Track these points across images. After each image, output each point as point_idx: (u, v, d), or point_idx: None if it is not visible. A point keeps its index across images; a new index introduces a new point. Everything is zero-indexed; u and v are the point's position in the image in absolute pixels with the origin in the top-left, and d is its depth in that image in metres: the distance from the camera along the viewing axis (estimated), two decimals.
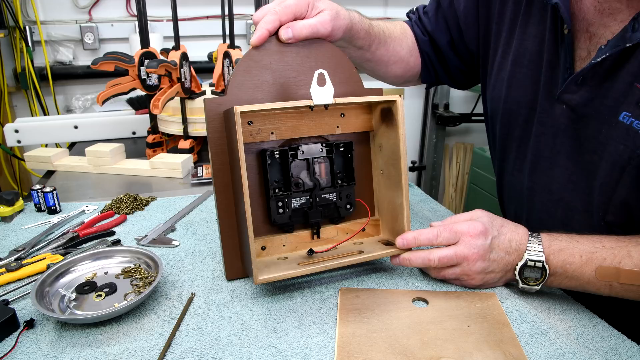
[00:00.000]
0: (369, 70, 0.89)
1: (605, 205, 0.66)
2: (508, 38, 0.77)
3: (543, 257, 0.61)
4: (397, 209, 0.68)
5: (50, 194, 0.88)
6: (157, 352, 0.52)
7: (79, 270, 0.67)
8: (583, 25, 0.66)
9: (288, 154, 0.66)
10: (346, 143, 0.69)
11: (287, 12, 0.63)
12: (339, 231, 0.72)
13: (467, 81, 0.95)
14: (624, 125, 0.61)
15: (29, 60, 1.97)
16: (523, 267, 0.62)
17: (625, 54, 0.60)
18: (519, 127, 0.77)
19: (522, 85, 0.75)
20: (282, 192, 0.67)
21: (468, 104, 2.74)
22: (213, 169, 0.63)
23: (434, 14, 0.89)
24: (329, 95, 0.62)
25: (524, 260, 0.61)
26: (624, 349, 0.54)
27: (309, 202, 0.69)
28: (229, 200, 0.64)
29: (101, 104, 1.07)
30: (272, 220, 0.67)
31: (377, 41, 0.82)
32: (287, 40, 0.63)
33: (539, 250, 0.61)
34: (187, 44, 1.22)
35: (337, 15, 0.68)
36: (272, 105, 0.60)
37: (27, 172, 2.15)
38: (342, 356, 0.52)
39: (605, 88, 0.63)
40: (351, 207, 0.71)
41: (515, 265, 0.62)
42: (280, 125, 0.66)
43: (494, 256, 0.62)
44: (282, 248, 0.68)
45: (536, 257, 0.61)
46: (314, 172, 0.68)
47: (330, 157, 0.69)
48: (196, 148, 1.27)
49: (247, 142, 0.65)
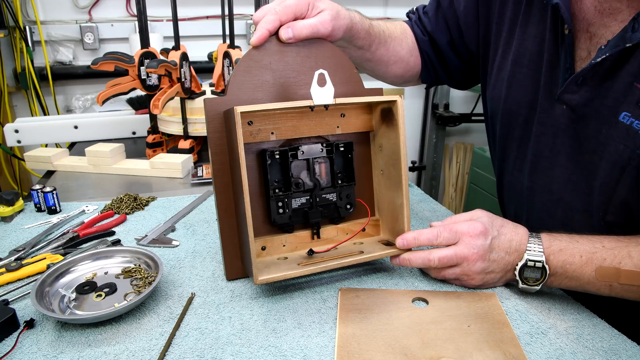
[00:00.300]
0: (369, 70, 0.89)
1: (605, 205, 0.66)
2: (508, 38, 0.77)
3: (543, 257, 0.61)
4: (397, 209, 0.68)
5: (50, 194, 0.88)
6: (157, 352, 0.53)
7: (79, 270, 0.67)
8: (583, 26, 0.66)
9: (288, 154, 0.66)
10: (346, 143, 0.69)
11: (287, 11, 0.63)
12: (339, 231, 0.72)
13: (467, 81, 0.95)
14: (624, 125, 0.61)
15: (29, 60, 1.97)
16: (523, 267, 0.62)
17: (625, 54, 0.60)
18: (519, 127, 0.77)
19: (522, 85, 0.75)
20: (282, 192, 0.67)
21: (468, 104, 2.74)
22: (213, 168, 0.63)
23: (434, 14, 0.89)
24: (329, 95, 0.61)
25: (524, 261, 0.61)
26: (624, 349, 0.54)
27: (309, 202, 0.69)
28: (229, 200, 0.64)
29: (101, 104, 1.07)
30: (272, 221, 0.67)
31: (378, 41, 0.82)
32: (287, 40, 0.63)
33: (539, 251, 0.61)
34: (187, 44, 1.22)
35: (338, 15, 0.68)
36: (273, 106, 0.60)
37: (27, 172, 2.15)
38: (342, 356, 0.52)
39: (605, 88, 0.63)
40: (351, 207, 0.71)
41: (515, 266, 0.62)
42: (280, 125, 0.66)
43: (494, 256, 0.62)
44: (282, 248, 0.68)
45: (536, 257, 0.61)
46: (314, 172, 0.68)
47: (330, 157, 0.69)
48: (196, 148, 1.27)
49: (247, 142, 0.65)
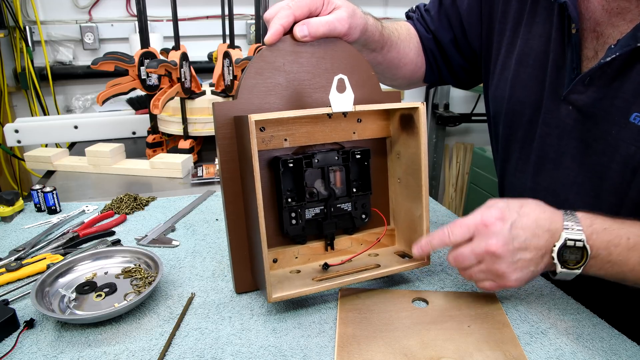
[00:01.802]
0: (379, 73, 0.86)
1: (617, 208, 0.64)
2: (512, 37, 0.76)
3: (584, 235, 0.54)
4: (415, 220, 0.65)
5: (50, 194, 0.88)
6: (157, 352, 0.53)
7: (79, 270, 0.67)
8: (590, 25, 0.65)
9: (303, 162, 0.62)
10: (363, 150, 0.65)
11: (302, 5, 0.58)
12: (354, 242, 0.69)
13: (471, 80, 0.94)
14: (636, 127, 0.59)
15: (29, 60, 1.97)
16: (562, 248, 0.55)
17: (635, 54, 0.59)
18: (522, 128, 0.76)
19: (526, 85, 0.74)
20: (295, 203, 0.63)
21: (468, 104, 2.74)
22: (222, 177, 0.59)
23: (436, 12, 0.88)
24: (349, 102, 0.57)
25: (563, 240, 0.54)
26: (624, 349, 0.54)
27: (324, 213, 0.65)
28: (239, 211, 0.61)
29: (101, 104, 1.07)
30: (284, 232, 0.63)
31: (390, 43, 0.80)
32: (302, 38, 0.58)
33: (578, 229, 0.55)
34: (187, 44, 1.22)
35: (354, 14, 0.64)
36: (289, 114, 0.55)
37: (27, 172, 2.16)
38: (342, 356, 0.52)
39: (615, 88, 0.62)
40: (367, 217, 0.68)
41: (552, 247, 0.55)
42: (294, 132, 0.62)
43: (519, 243, 0.55)
44: (295, 260, 0.65)
45: (576, 235, 0.54)
46: (329, 180, 0.65)
47: (346, 165, 0.65)
48: (196, 148, 1.27)
49: (260, 149, 0.59)
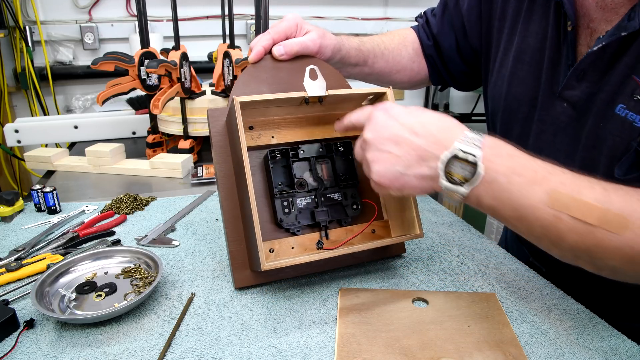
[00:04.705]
0: (375, 82, 0.91)
1: None
2: (510, 35, 0.77)
3: (480, 152, 0.49)
4: (404, 202, 0.69)
5: (50, 194, 0.88)
6: (157, 352, 0.53)
7: (79, 270, 0.67)
8: (585, 22, 0.66)
9: (289, 153, 0.67)
10: (345, 143, 0.70)
11: (279, 31, 0.69)
12: (348, 233, 0.71)
13: (472, 83, 0.96)
14: (620, 118, 0.60)
15: (29, 60, 1.97)
16: (451, 158, 0.50)
17: (623, 46, 0.59)
18: (518, 125, 0.77)
19: (523, 82, 0.75)
20: (286, 192, 0.68)
21: (468, 104, 2.75)
22: (218, 176, 0.66)
23: (440, 16, 0.91)
24: (322, 87, 0.66)
25: (453, 150, 0.50)
26: (624, 349, 0.54)
27: (315, 202, 0.69)
28: (235, 205, 0.66)
29: (101, 104, 1.07)
30: (278, 220, 0.67)
31: (373, 55, 0.85)
32: (279, 56, 0.68)
33: (475, 144, 0.50)
34: (187, 44, 1.22)
35: (324, 35, 0.73)
36: (270, 97, 0.62)
37: (27, 172, 2.16)
38: (342, 356, 0.52)
39: (604, 82, 0.62)
40: (357, 206, 0.72)
41: (438, 155, 0.51)
42: (280, 130, 0.69)
43: (390, 134, 0.53)
44: (291, 251, 0.68)
45: (470, 149, 0.49)
46: (317, 172, 0.69)
47: (330, 156, 0.70)
48: (196, 148, 1.27)
49: (249, 145, 0.66)
